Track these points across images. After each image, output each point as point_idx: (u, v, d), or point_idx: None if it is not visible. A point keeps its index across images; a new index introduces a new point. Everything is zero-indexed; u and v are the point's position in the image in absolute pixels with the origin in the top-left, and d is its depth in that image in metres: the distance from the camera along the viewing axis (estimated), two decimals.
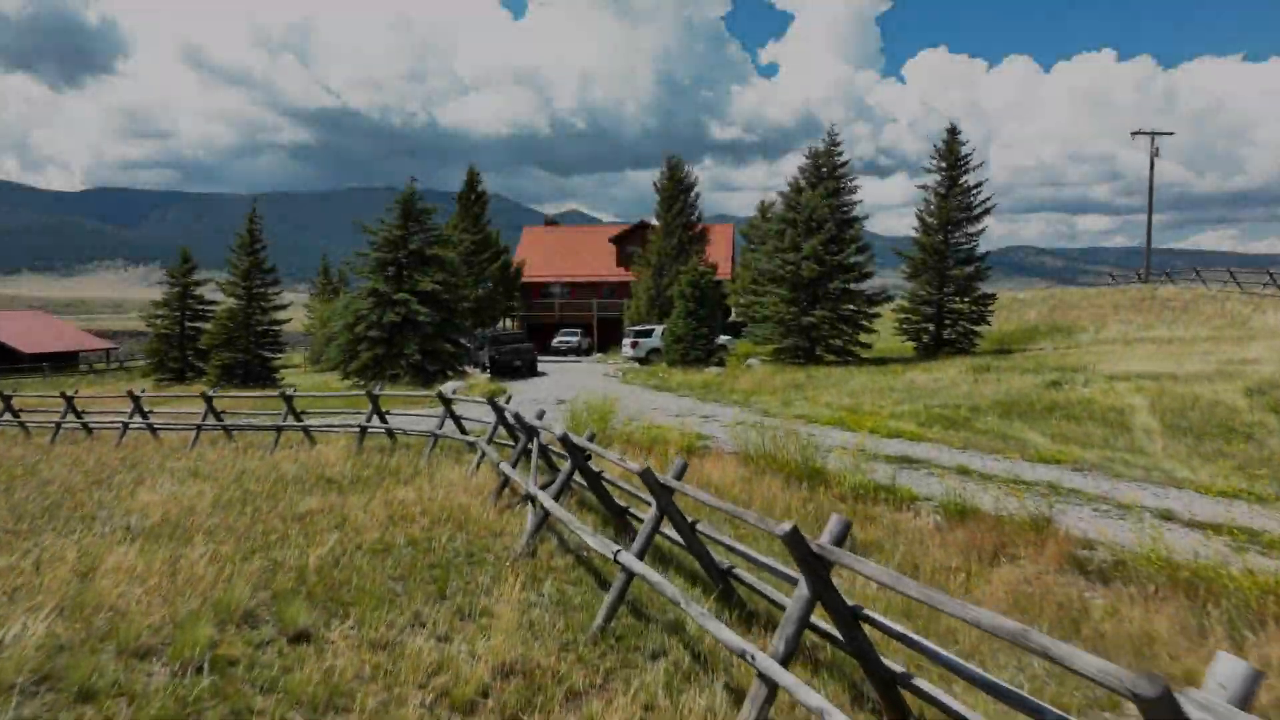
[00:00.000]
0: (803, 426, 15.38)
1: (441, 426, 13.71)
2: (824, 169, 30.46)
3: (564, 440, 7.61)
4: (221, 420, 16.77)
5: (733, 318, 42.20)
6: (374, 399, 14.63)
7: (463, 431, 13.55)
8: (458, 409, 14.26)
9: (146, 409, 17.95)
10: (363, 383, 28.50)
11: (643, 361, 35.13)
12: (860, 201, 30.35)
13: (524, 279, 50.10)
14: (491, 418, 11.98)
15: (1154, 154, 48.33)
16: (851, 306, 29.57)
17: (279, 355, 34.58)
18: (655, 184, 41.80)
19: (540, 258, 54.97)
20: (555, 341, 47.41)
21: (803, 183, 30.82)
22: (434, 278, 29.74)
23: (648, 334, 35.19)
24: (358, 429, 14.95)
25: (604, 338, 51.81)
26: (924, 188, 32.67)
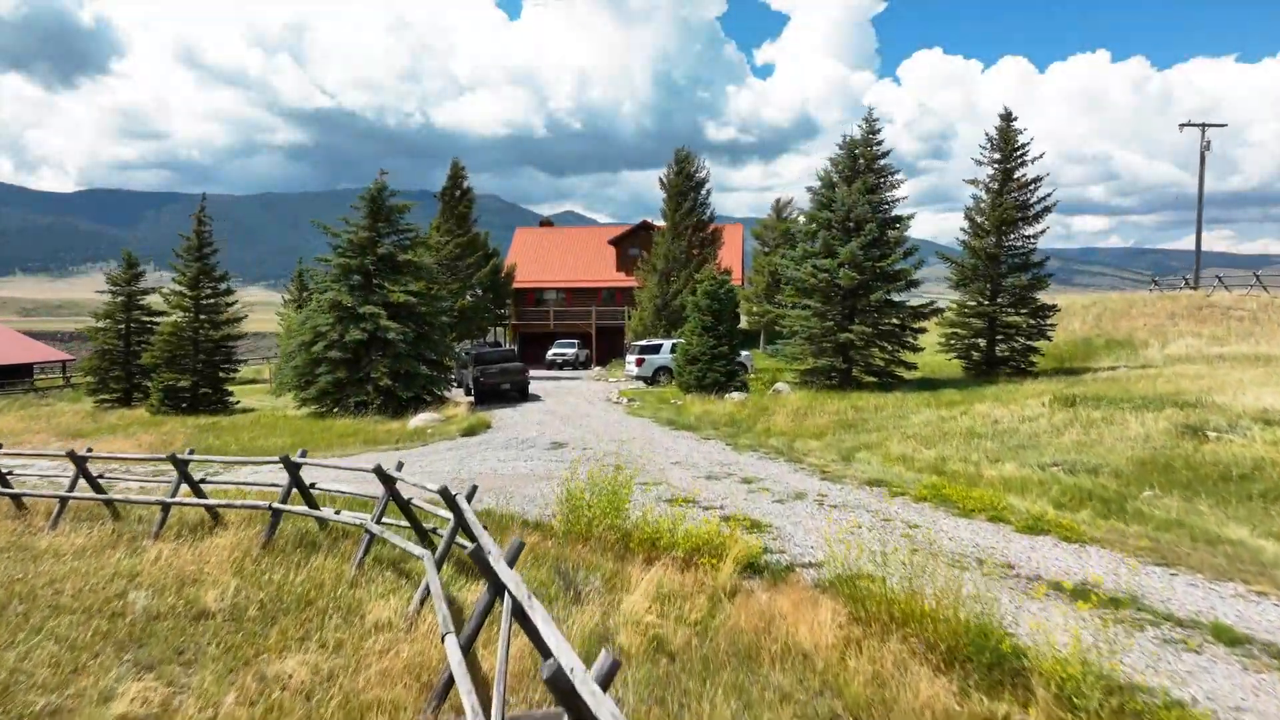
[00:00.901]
0: (886, 503, 11.15)
1: (382, 514, 9.33)
2: (861, 160, 26.23)
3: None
4: (99, 488, 12.37)
5: (742, 325, 37.94)
6: (293, 469, 10.26)
7: (414, 524, 9.14)
8: (422, 461, 9.93)
9: (6, 468, 13.51)
10: (323, 410, 24.24)
11: (649, 381, 30.89)
12: (905, 198, 26.19)
13: (515, 284, 45.85)
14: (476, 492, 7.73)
15: (1205, 148, 44.15)
16: (895, 320, 25.32)
17: (233, 374, 30.23)
18: (662, 179, 37.56)
19: (533, 261, 50.72)
20: (551, 354, 43.19)
21: (835, 177, 26.59)
22: (407, 287, 25.49)
23: (654, 350, 30.94)
24: (269, 508, 10.56)
25: (603, 349, 47.59)
26: (973, 183, 28.45)
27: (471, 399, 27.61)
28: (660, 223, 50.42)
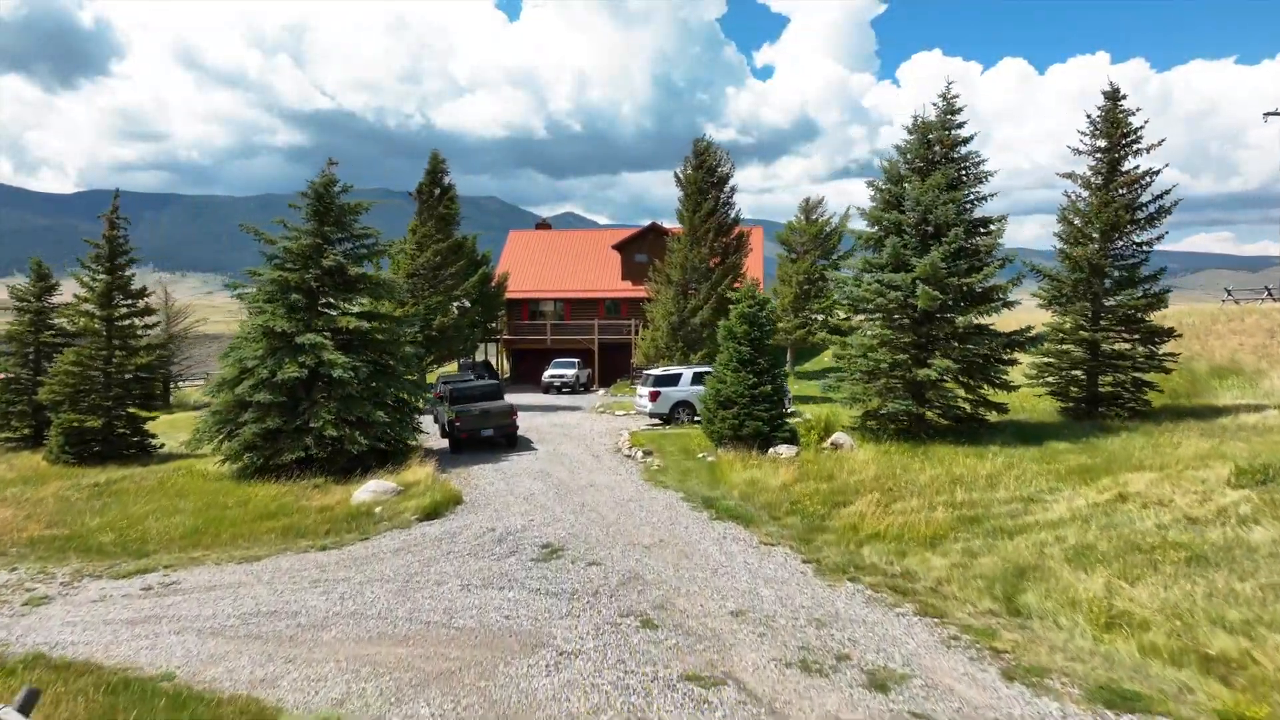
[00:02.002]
0: None
1: None
2: (937, 147, 20.72)
3: None
4: None
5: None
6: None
7: None
8: (346, 584, 6.84)
9: None
10: (250, 468, 18.75)
11: (666, 420, 25.38)
12: (995, 195, 20.67)
13: (508, 294, 40.38)
14: None
15: None
16: (985, 350, 19.79)
17: (154, 413, 24.66)
18: (678, 175, 32.01)
19: (528, 269, 45.26)
20: (547, 375, 37.72)
21: (903, 168, 21.09)
22: (363, 308, 20.05)
23: (672, 380, 25.43)
24: None
25: (607, 368, 42.12)
26: (1068, 176, 22.95)
27: (447, 442, 22.13)
28: (672, 225, 44.98)
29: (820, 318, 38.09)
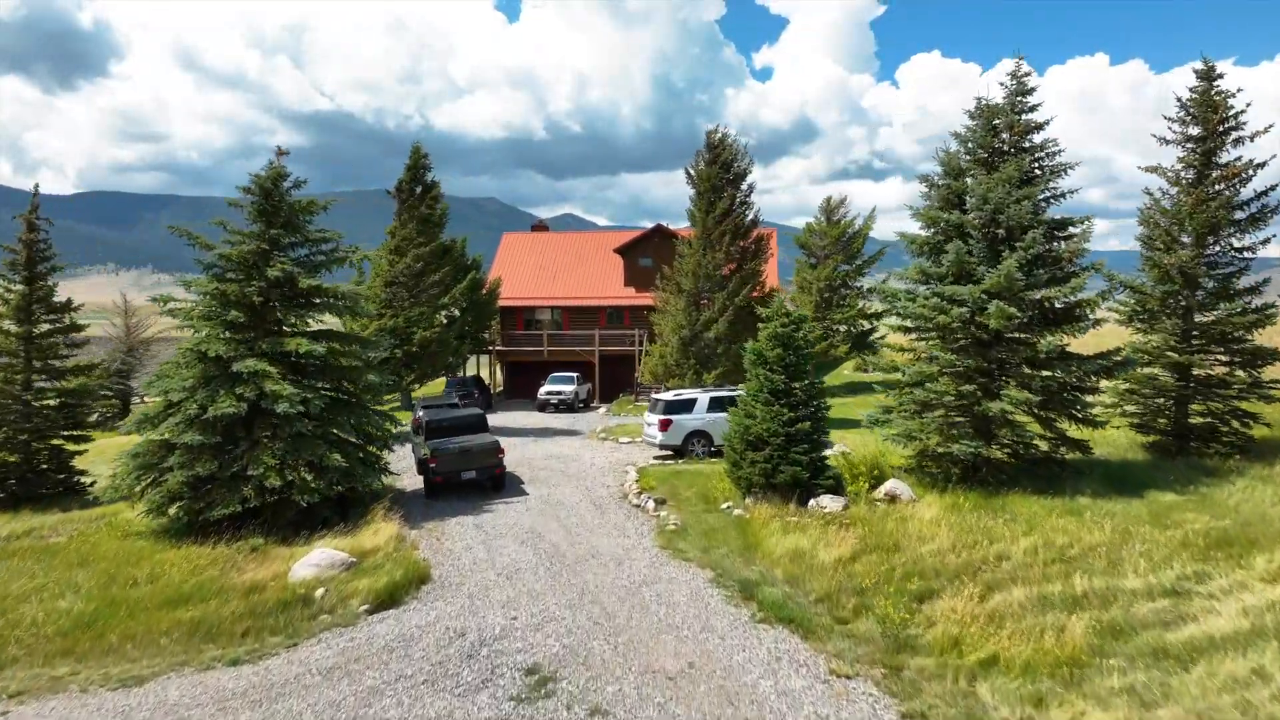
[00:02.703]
0: None
1: None
2: (1004, 134, 17.33)
3: None
4: None
5: None
6: None
7: None
8: None
9: None
10: (176, 524, 15.39)
11: (679, 452, 21.99)
12: (1074, 192, 17.23)
13: (501, 302, 36.98)
14: None
15: None
16: (1070, 378, 16.38)
17: (84, 445, 21.23)
18: (690, 171, 28.60)
19: (523, 274, 41.89)
20: (543, 392, 34.31)
21: (964, 159, 17.70)
22: (321, 327, 16.73)
23: (685, 406, 22.01)
24: None
25: (608, 381, 38.75)
26: (1154, 170, 19.57)
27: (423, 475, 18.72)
28: (680, 226, 41.61)
29: (843, 328, 34.76)
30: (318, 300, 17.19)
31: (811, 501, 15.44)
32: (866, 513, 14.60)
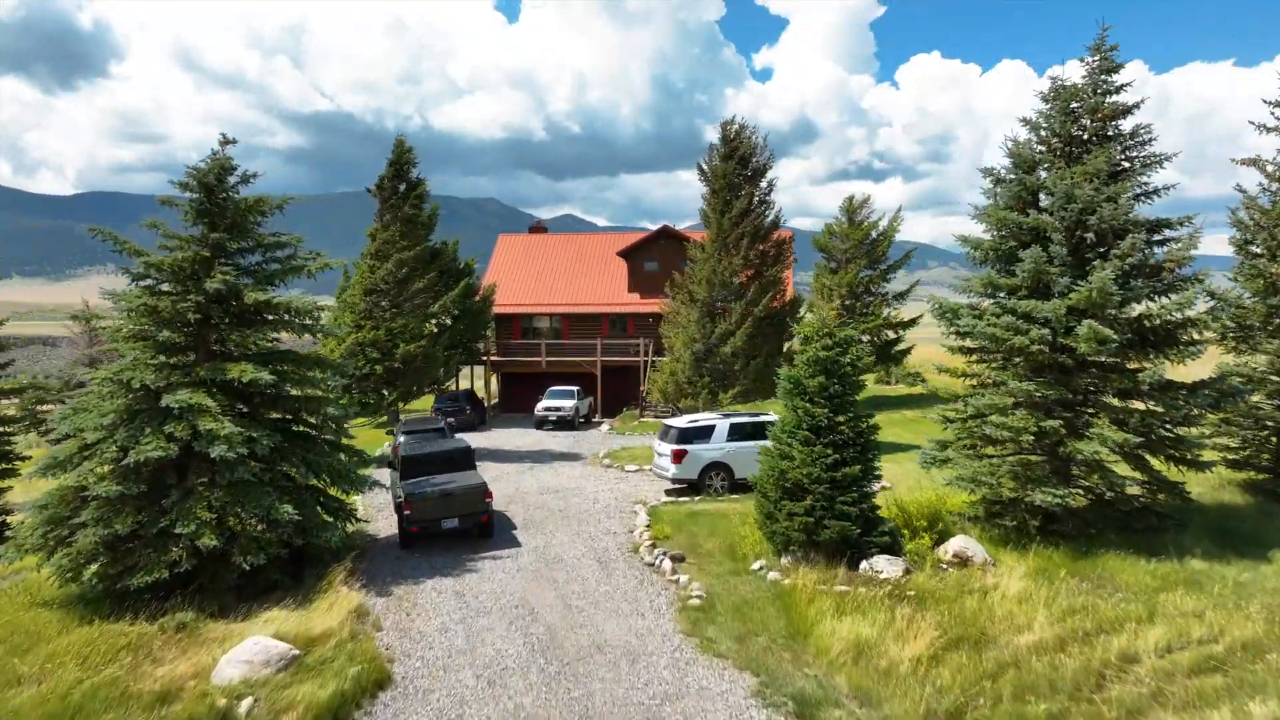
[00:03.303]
0: None
1: None
2: (1084, 119, 14.56)
3: None
4: None
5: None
6: None
7: None
8: None
9: None
10: (90, 593, 12.70)
11: (694, 487, 19.26)
12: (1170, 188, 14.47)
13: (496, 309, 34.28)
14: None
15: None
16: (1180, 414, 13.59)
17: (10, 481, 18.48)
18: (702, 166, 25.83)
19: (520, 278, 39.19)
20: (540, 409, 31.60)
21: (1038, 150, 14.94)
22: (272, 348, 14.03)
23: (703, 434, 19.26)
24: None
25: (610, 394, 36.05)
26: (1250, 163, 16.82)
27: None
28: (681, 226, 38.87)
29: (866, 338, 32.03)
30: (270, 317, 14.44)
31: (864, 564, 12.69)
32: (935, 582, 11.87)
